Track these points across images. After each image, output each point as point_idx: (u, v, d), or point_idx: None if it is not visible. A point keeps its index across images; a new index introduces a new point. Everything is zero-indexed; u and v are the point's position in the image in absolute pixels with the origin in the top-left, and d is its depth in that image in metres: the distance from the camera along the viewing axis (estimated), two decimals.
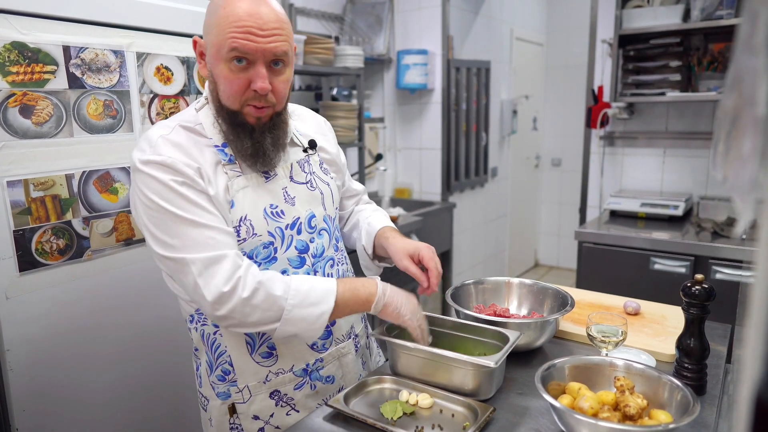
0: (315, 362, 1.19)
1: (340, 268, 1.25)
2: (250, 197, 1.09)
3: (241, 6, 1.00)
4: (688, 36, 2.85)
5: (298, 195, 1.16)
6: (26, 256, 1.29)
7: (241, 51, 1.00)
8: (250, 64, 1.02)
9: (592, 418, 0.86)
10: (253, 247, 1.09)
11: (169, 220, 1.01)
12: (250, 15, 1.00)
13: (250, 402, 1.15)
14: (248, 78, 1.03)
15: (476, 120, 3.91)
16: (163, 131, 1.07)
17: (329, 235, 1.22)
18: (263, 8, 1.02)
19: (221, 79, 1.04)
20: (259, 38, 1.00)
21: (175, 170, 1.02)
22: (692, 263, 2.45)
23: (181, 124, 1.09)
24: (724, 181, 0.48)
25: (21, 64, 1.25)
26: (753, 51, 0.37)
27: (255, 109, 1.06)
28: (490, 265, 4.47)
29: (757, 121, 0.36)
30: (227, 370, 1.14)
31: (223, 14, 1.01)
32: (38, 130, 1.29)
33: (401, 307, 1.11)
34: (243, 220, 1.07)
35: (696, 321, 1.06)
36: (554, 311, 1.32)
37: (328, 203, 1.22)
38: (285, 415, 1.17)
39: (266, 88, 1.03)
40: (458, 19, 3.70)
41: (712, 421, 0.99)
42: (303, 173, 1.19)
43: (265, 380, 1.15)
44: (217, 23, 1.01)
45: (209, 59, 1.06)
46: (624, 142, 3.20)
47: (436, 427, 0.99)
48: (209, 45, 1.04)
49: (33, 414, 1.32)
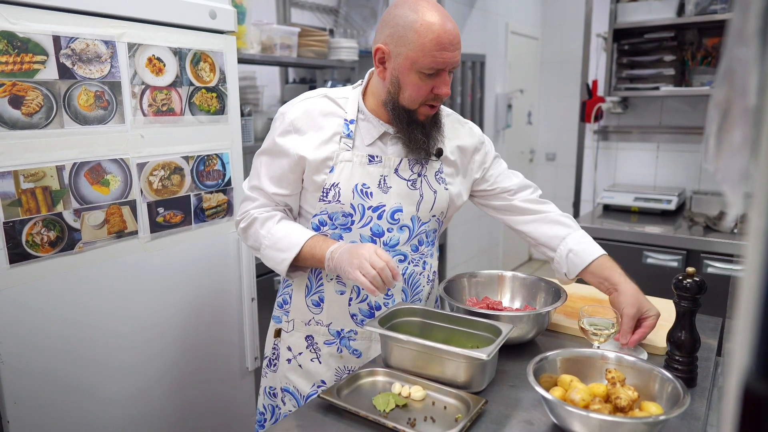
0: (349, 331, 1.30)
1: (411, 267, 1.31)
2: (348, 170, 1.24)
3: (436, 24, 1.12)
4: (683, 30, 2.85)
5: (395, 187, 1.26)
6: (16, 248, 1.28)
7: (437, 67, 1.14)
8: (437, 73, 1.16)
9: (584, 410, 0.86)
10: (334, 212, 1.25)
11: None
12: (445, 32, 1.12)
13: (290, 334, 1.35)
14: (433, 84, 1.17)
15: (471, 114, 3.91)
16: (310, 95, 1.29)
17: (410, 234, 1.29)
18: (449, 24, 1.14)
19: (409, 86, 1.17)
20: (450, 53, 1.14)
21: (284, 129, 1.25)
22: (684, 257, 2.47)
23: (327, 94, 1.28)
24: (715, 174, 0.48)
25: (10, 54, 1.23)
26: (744, 41, 0.37)
27: (430, 108, 1.22)
28: (483, 260, 4.48)
29: (748, 111, 0.36)
30: (286, 300, 1.37)
31: (420, 30, 1.12)
32: (28, 120, 1.28)
33: (344, 267, 1.15)
34: (334, 185, 1.23)
35: (687, 314, 1.07)
36: (547, 304, 1.33)
37: (425, 207, 1.30)
38: (309, 360, 1.32)
39: (449, 93, 1.20)
40: (453, 13, 3.69)
41: (702, 413, 1.00)
42: (410, 171, 1.28)
43: (307, 323, 1.32)
44: (415, 39, 1.12)
45: (397, 67, 1.17)
46: (618, 137, 3.21)
47: (428, 419, 0.99)
48: (400, 56, 1.15)
49: (24, 406, 1.32)
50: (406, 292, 1.31)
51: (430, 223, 1.32)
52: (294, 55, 2.54)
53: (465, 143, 1.36)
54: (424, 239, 1.32)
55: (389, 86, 1.20)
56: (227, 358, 1.86)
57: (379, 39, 1.19)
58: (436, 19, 1.13)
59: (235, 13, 1.74)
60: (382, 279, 1.11)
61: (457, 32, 1.16)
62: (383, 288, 1.12)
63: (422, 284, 1.34)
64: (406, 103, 1.20)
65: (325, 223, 1.27)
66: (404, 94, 1.19)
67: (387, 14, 1.19)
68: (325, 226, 1.28)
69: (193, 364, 1.74)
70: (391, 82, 1.19)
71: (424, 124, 1.24)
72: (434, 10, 1.14)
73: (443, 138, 1.30)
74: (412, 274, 1.31)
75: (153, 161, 1.55)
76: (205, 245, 1.73)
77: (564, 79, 5.01)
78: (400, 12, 1.15)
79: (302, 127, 1.24)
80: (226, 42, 1.72)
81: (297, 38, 2.54)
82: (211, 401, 1.82)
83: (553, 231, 1.37)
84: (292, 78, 3.07)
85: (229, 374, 1.87)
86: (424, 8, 1.14)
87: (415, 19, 1.13)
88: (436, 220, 1.33)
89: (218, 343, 1.82)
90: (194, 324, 1.73)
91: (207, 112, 1.69)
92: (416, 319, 1.23)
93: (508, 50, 4.49)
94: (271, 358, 1.40)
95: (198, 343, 1.75)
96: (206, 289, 1.76)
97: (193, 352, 1.73)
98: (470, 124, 1.42)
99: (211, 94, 1.69)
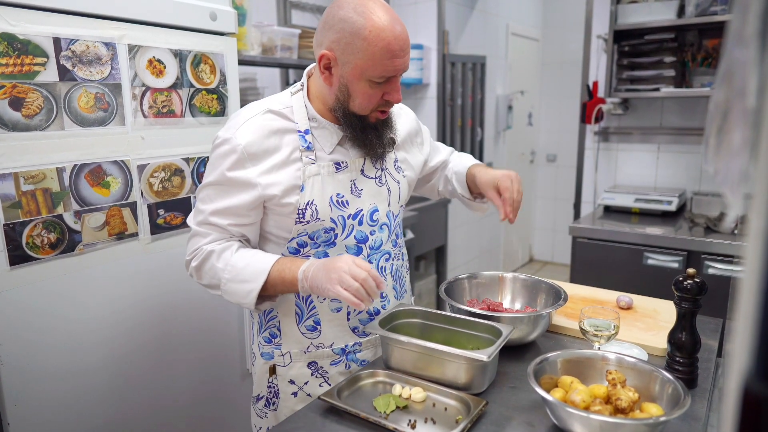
0: (354, 344, 1.26)
1: (395, 262, 1.31)
2: (319, 184, 1.17)
3: (386, 31, 1.06)
4: (683, 32, 2.85)
5: (365, 188, 1.23)
6: (17, 250, 1.28)
7: (388, 75, 1.10)
8: (388, 80, 1.12)
9: (584, 411, 0.86)
10: (315, 230, 1.19)
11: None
12: (395, 39, 1.07)
13: (289, 367, 1.26)
14: (383, 91, 1.13)
15: (471, 115, 3.91)
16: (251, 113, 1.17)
17: (389, 230, 1.28)
18: (398, 27, 1.08)
19: (359, 95, 1.13)
20: (400, 60, 1.10)
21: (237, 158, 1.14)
22: (685, 258, 2.46)
23: (269, 108, 1.18)
24: (715, 175, 0.48)
25: (10, 55, 1.24)
26: (743, 43, 0.37)
27: (381, 114, 1.19)
28: (484, 261, 4.48)
29: (747, 113, 0.36)
30: (274, 334, 1.27)
31: (369, 38, 1.06)
32: (28, 122, 1.28)
33: (322, 285, 1.07)
34: (309, 204, 1.16)
35: (688, 315, 1.07)
36: (547, 306, 1.32)
37: (394, 200, 1.29)
38: (318, 386, 1.26)
39: (401, 98, 1.17)
40: (454, 14, 3.69)
41: (702, 414, 1.00)
42: (374, 168, 1.26)
43: (306, 350, 1.25)
44: (364, 48, 1.06)
45: (345, 75, 1.11)
46: (618, 138, 3.21)
47: (428, 420, 0.99)
48: (348, 64, 1.09)
49: (24, 408, 1.32)
50: (396, 288, 1.31)
51: (400, 214, 1.33)
52: (295, 56, 2.54)
53: (407, 128, 1.37)
54: (398, 231, 1.33)
55: (338, 93, 1.14)
56: (228, 360, 1.86)
57: (323, 43, 1.11)
58: (386, 24, 1.06)
59: (236, 15, 1.74)
60: (366, 290, 1.05)
61: (407, 35, 1.10)
62: (368, 300, 1.06)
63: (403, 275, 1.36)
64: (357, 110, 1.15)
65: (305, 244, 1.20)
66: (354, 102, 1.14)
67: (329, 16, 1.10)
68: (305, 247, 1.20)
69: (193, 365, 1.74)
70: (339, 89, 1.13)
71: (377, 125, 1.20)
72: (382, 11, 1.07)
73: (394, 130, 1.28)
74: (397, 268, 1.32)
75: (153, 163, 1.55)
76: None
77: (564, 80, 5.01)
78: (345, 14, 1.07)
79: (257, 153, 1.13)
80: (226, 44, 1.72)
81: (298, 40, 2.54)
82: (212, 403, 1.82)
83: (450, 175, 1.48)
84: (293, 79, 3.07)
85: (230, 375, 1.87)
86: (371, 11, 1.06)
87: (363, 24, 1.05)
88: (402, 209, 1.34)
89: (219, 345, 1.82)
90: (194, 325, 1.73)
91: (207, 114, 1.69)
92: (416, 320, 1.23)
93: (509, 51, 4.49)
94: (268, 397, 1.29)
95: (198, 344, 1.75)
96: (206, 291, 1.75)
97: (194, 353, 1.73)
98: (402, 106, 1.42)
99: (211, 95, 1.69)
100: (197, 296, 1.72)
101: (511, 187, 1.28)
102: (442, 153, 1.53)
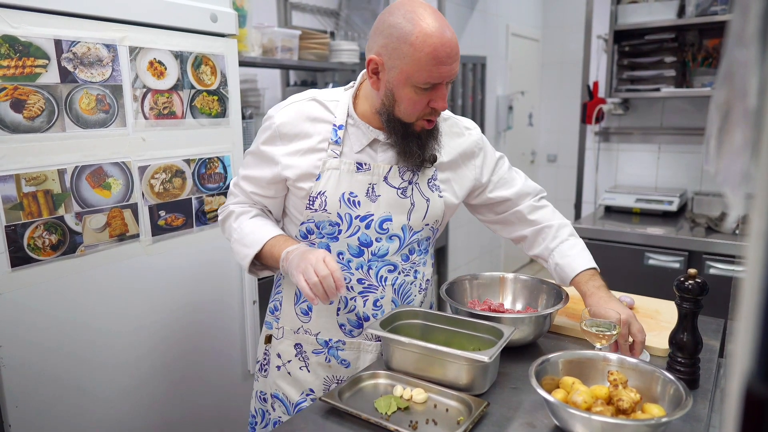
0: (337, 341, 1.27)
1: (402, 277, 1.26)
2: (334, 179, 1.20)
3: (434, 36, 1.05)
4: (683, 32, 2.85)
5: (383, 195, 1.21)
6: (18, 252, 1.28)
7: (434, 81, 1.09)
8: (434, 87, 1.11)
9: (586, 412, 0.86)
10: (321, 220, 1.22)
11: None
12: (443, 45, 1.06)
13: (280, 341, 1.32)
14: (429, 98, 1.12)
15: (472, 116, 3.91)
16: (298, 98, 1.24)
17: (401, 243, 1.24)
18: (447, 33, 1.07)
19: (405, 100, 1.12)
20: (448, 67, 1.08)
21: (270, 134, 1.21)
22: (686, 258, 2.46)
23: (316, 97, 1.23)
24: (716, 175, 0.48)
25: (12, 57, 1.24)
26: (744, 43, 0.37)
27: (427, 123, 1.17)
28: (485, 261, 4.48)
29: (748, 113, 0.36)
30: (277, 307, 1.34)
31: (416, 44, 1.05)
32: (30, 124, 1.28)
33: (292, 270, 1.13)
34: (321, 194, 1.20)
35: (689, 315, 1.07)
36: (549, 306, 1.32)
37: (417, 216, 1.24)
38: (298, 368, 1.30)
39: (447, 107, 1.16)
40: (454, 15, 3.69)
41: (704, 414, 0.99)
42: (400, 179, 1.22)
43: (296, 331, 1.30)
44: (410, 53, 1.06)
45: (392, 80, 1.11)
46: (619, 138, 3.21)
47: (430, 421, 0.99)
48: (395, 68, 1.09)
49: (26, 410, 1.32)
50: (395, 302, 1.26)
51: (423, 231, 1.27)
52: (295, 57, 2.54)
53: (462, 148, 1.30)
54: (416, 248, 1.27)
55: (383, 98, 1.14)
56: (229, 361, 1.86)
57: (372, 48, 1.12)
58: (434, 30, 1.05)
59: (236, 16, 1.74)
60: (324, 288, 1.07)
61: (456, 42, 1.09)
62: (324, 297, 1.08)
63: (413, 293, 1.29)
64: (402, 116, 1.15)
65: (312, 231, 1.24)
66: (400, 107, 1.13)
67: (380, 22, 1.11)
68: (312, 234, 1.24)
69: (194, 366, 1.74)
70: (385, 94, 1.13)
71: (420, 135, 1.19)
72: (431, 18, 1.07)
73: (440, 145, 1.24)
74: (402, 284, 1.26)
75: (154, 164, 1.55)
76: (207, 248, 1.74)
77: (565, 80, 5.01)
78: (395, 20, 1.08)
79: (288, 134, 1.20)
80: (227, 45, 1.72)
81: (298, 41, 2.54)
82: (213, 404, 1.82)
83: (545, 242, 1.35)
84: (293, 81, 3.07)
85: (231, 377, 1.87)
86: (420, 17, 1.06)
87: (410, 30, 1.05)
88: (429, 228, 1.28)
89: (220, 346, 1.82)
90: (196, 327, 1.73)
91: (208, 115, 1.69)
92: (418, 321, 1.23)
93: (509, 52, 4.49)
94: (263, 363, 1.37)
95: (200, 345, 1.75)
96: (208, 292, 1.76)
97: (195, 354, 1.73)
98: (469, 126, 1.35)
99: (212, 97, 1.70)
100: (198, 297, 1.73)
101: (642, 330, 1.13)
102: (513, 187, 1.38)
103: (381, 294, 1.25)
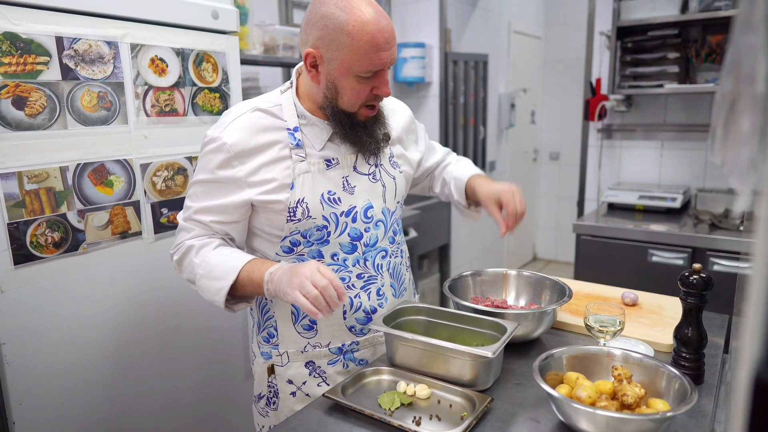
0: (351, 344, 1.25)
1: (393, 260, 1.28)
2: (309, 182, 1.16)
3: (370, 24, 1.04)
4: (686, 28, 2.84)
5: (358, 185, 1.21)
6: (21, 249, 1.28)
7: (375, 69, 1.09)
8: (375, 74, 1.11)
9: (590, 407, 0.86)
10: (307, 228, 1.17)
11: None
12: (380, 31, 1.05)
13: (287, 367, 1.25)
14: (371, 85, 1.12)
15: (474, 114, 3.90)
16: (239, 111, 1.17)
17: (385, 227, 1.26)
18: (383, 21, 1.07)
19: (348, 91, 1.11)
20: (387, 53, 1.08)
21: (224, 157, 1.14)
22: (690, 255, 2.45)
23: (257, 106, 1.18)
24: (722, 165, 0.47)
25: (13, 55, 1.24)
26: (752, 29, 0.37)
27: (369, 110, 1.17)
28: (488, 259, 4.47)
29: (757, 99, 0.35)
30: (272, 334, 1.26)
31: (354, 33, 1.04)
32: (31, 121, 1.28)
33: (284, 289, 1.06)
34: (300, 202, 1.15)
35: (694, 310, 1.06)
36: (552, 302, 1.32)
37: (390, 196, 1.26)
38: (316, 385, 1.25)
39: (390, 92, 1.15)
40: (456, 12, 3.68)
41: (709, 409, 0.99)
42: (367, 164, 1.24)
43: (303, 350, 1.24)
44: (349, 43, 1.05)
45: (333, 72, 1.10)
46: (622, 135, 3.20)
47: (433, 417, 0.99)
48: (334, 60, 1.08)
49: (30, 407, 1.32)
50: (393, 286, 1.29)
51: (397, 210, 1.31)
52: (296, 55, 2.54)
53: (402, 124, 1.36)
54: (396, 228, 1.31)
55: (325, 91, 1.13)
56: (231, 358, 1.86)
57: (308, 41, 1.09)
58: (369, 17, 1.04)
59: (238, 14, 1.74)
60: (326, 299, 1.02)
61: (392, 27, 1.08)
62: (327, 310, 1.03)
63: (403, 273, 1.33)
64: (346, 106, 1.14)
65: (298, 242, 1.19)
66: (343, 98, 1.12)
67: (312, 13, 1.08)
68: (298, 245, 1.19)
69: (197, 364, 1.74)
70: (327, 87, 1.12)
71: (366, 123, 1.19)
72: (364, 4, 1.05)
73: (387, 125, 1.26)
74: (395, 266, 1.29)
75: (156, 162, 1.55)
76: None
77: (567, 77, 4.99)
78: (328, 10, 1.05)
79: (244, 151, 1.13)
80: (228, 42, 1.72)
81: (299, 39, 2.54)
82: (215, 401, 1.82)
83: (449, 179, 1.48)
84: None
85: (233, 374, 1.87)
86: (353, 5, 1.04)
87: (345, 19, 1.03)
88: (400, 206, 1.32)
89: (222, 343, 1.82)
90: (198, 324, 1.73)
91: (210, 113, 1.69)
92: (421, 317, 1.22)
93: (511, 49, 4.48)
94: (269, 396, 1.29)
95: (202, 343, 1.75)
96: None
97: (198, 352, 1.73)
98: (399, 102, 1.40)
99: (214, 94, 1.69)
100: (201, 295, 1.72)
101: (513, 200, 1.29)
102: (438, 153, 1.52)
103: (381, 282, 1.25)
